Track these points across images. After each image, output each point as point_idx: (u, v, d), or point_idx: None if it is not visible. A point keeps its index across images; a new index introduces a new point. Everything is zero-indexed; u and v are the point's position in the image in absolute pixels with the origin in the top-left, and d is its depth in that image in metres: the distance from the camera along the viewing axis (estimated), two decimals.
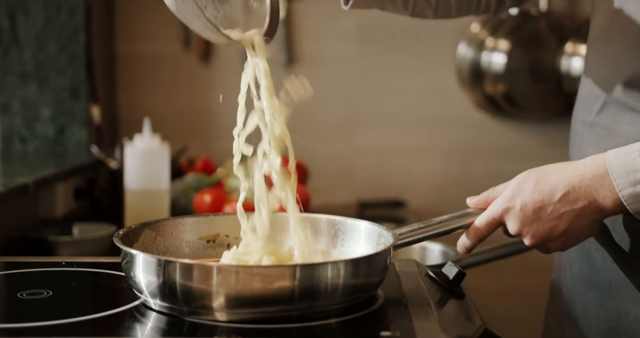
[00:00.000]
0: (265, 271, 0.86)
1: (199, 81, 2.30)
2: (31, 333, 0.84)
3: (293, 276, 0.85)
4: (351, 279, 0.89)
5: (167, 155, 1.64)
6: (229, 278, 0.85)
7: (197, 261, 0.89)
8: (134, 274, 0.91)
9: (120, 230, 0.99)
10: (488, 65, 2.20)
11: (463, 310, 0.99)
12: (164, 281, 0.88)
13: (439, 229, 1.04)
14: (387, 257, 0.94)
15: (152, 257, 0.89)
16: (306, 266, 0.88)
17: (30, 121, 2.02)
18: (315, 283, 0.86)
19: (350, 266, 0.89)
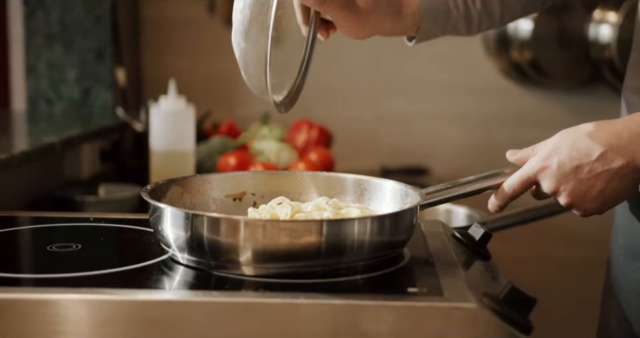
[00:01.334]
0: (293, 226, 0.86)
1: (224, 45, 2.28)
2: (61, 284, 0.85)
3: (320, 232, 0.86)
4: (378, 236, 0.89)
5: (193, 117, 1.64)
6: (256, 232, 0.86)
7: (225, 215, 0.89)
8: (162, 228, 0.91)
9: (147, 185, 1.00)
10: (515, 31, 2.18)
11: (489, 270, 0.99)
12: (191, 235, 0.88)
13: (465, 189, 1.03)
14: (414, 215, 0.94)
15: (180, 211, 0.89)
16: (333, 221, 0.88)
17: (56, 82, 2.03)
18: (342, 239, 0.87)
19: (377, 223, 0.89)
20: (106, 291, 0.83)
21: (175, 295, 0.85)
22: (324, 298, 0.81)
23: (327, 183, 1.08)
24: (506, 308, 0.81)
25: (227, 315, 0.82)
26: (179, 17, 2.28)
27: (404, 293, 0.83)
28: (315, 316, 0.81)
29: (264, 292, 0.83)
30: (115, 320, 0.82)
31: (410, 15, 1.12)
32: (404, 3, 1.10)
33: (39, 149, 1.45)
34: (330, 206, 0.97)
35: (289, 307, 0.81)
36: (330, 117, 2.22)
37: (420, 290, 0.84)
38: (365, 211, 0.98)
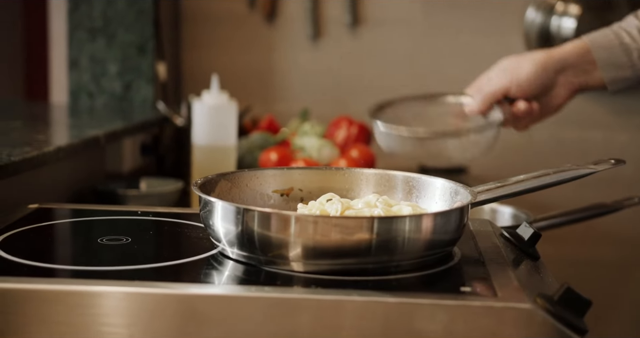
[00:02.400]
0: (344, 222, 0.86)
1: (263, 40, 2.29)
2: (113, 276, 0.85)
3: (371, 229, 0.85)
4: (429, 234, 0.88)
5: (235, 111, 1.64)
6: (307, 228, 0.85)
7: (276, 210, 0.89)
8: (213, 222, 0.91)
9: (197, 179, 1.00)
10: (557, 30, 2.16)
11: (538, 271, 0.98)
12: (242, 230, 0.88)
13: (515, 188, 1.02)
14: (465, 214, 0.94)
15: (232, 205, 0.89)
16: (384, 218, 0.87)
17: (98, 76, 2.05)
18: (393, 237, 0.86)
19: (429, 221, 0.88)
20: (155, 285, 0.83)
21: (225, 289, 0.85)
22: (376, 296, 0.81)
23: (376, 180, 1.08)
24: (561, 309, 0.80)
25: (277, 311, 0.81)
26: (219, 12, 2.28)
27: (457, 292, 0.82)
28: (367, 313, 0.81)
29: (315, 288, 0.83)
30: (163, 314, 0.82)
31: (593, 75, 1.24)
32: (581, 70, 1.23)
33: (84, 142, 1.46)
34: (380, 203, 0.96)
35: (340, 304, 0.81)
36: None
37: (473, 290, 0.83)
38: (417, 209, 0.97)
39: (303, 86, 2.28)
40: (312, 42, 2.27)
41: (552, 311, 0.80)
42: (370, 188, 1.07)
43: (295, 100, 2.27)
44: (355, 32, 2.26)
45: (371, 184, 1.07)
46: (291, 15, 2.27)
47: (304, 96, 2.28)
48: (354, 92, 2.28)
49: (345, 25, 2.26)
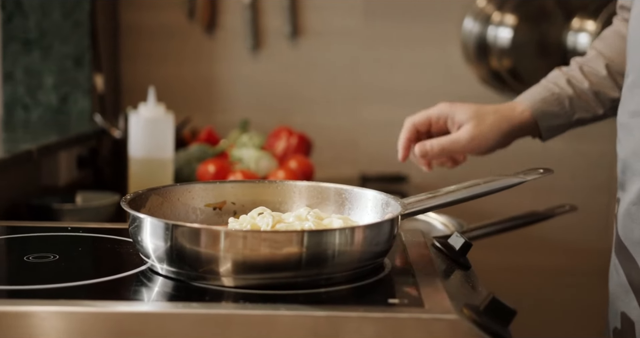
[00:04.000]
0: (274, 237, 0.86)
1: (203, 52, 2.28)
2: (38, 295, 0.84)
3: (301, 242, 0.85)
4: (359, 246, 0.89)
5: (172, 124, 1.63)
6: (236, 243, 0.85)
7: (205, 226, 0.88)
8: (141, 238, 0.90)
9: (127, 194, 0.99)
10: (494, 40, 2.19)
11: (469, 280, 0.99)
12: (171, 246, 0.87)
13: (446, 199, 1.03)
14: (395, 225, 0.94)
15: (160, 221, 0.88)
16: (314, 232, 0.88)
17: (34, 89, 2.01)
18: (323, 250, 0.86)
19: (359, 234, 0.88)
20: (84, 303, 0.81)
21: (154, 306, 0.84)
22: (304, 310, 0.81)
23: (308, 193, 1.08)
24: (486, 319, 0.81)
25: (206, 327, 0.81)
26: (158, 24, 2.26)
27: (384, 304, 0.83)
28: (296, 327, 0.80)
29: (244, 303, 0.82)
30: (93, 332, 0.80)
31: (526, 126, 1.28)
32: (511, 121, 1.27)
33: (15, 156, 1.43)
34: (312, 216, 0.96)
35: (269, 319, 0.81)
36: (309, 125, 2.22)
37: (401, 301, 0.83)
38: (348, 222, 0.98)
39: (244, 97, 2.28)
40: (252, 53, 2.27)
41: (477, 321, 0.81)
42: (303, 200, 1.07)
43: (235, 111, 2.26)
44: (295, 43, 2.27)
45: (304, 197, 1.08)
46: (231, 27, 2.26)
47: (244, 107, 2.27)
48: (294, 103, 2.28)
49: (285, 36, 2.26)
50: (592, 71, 1.26)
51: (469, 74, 2.27)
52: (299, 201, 1.08)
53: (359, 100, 2.30)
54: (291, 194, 1.08)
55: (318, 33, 2.27)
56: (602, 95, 1.26)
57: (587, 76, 1.26)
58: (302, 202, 1.08)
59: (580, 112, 1.26)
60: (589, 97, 1.26)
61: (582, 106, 1.26)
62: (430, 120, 1.29)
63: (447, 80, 2.28)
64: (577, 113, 1.26)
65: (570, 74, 1.27)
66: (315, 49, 2.28)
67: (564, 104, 1.26)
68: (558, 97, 1.26)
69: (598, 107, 1.26)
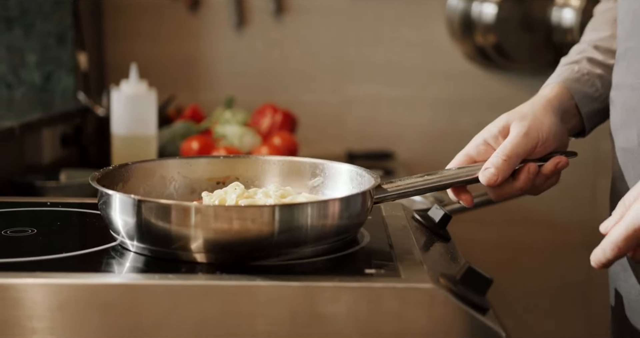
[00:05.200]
0: (244, 212, 0.84)
1: (187, 29, 2.27)
2: (15, 268, 0.84)
3: (272, 217, 0.84)
4: (329, 220, 0.88)
5: (155, 100, 1.63)
6: (207, 219, 0.84)
7: (173, 201, 0.88)
8: (111, 215, 0.90)
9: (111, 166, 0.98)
10: (479, 16, 2.18)
11: (448, 252, 0.99)
12: (139, 222, 0.86)
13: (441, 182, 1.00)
14: (367, 199, 0.93)
15: (129, 197, 0.87)
16: (285, 206, 0.86)
17: (16, 67, 2.00)
18: (289, 227, 0.85)
19: (327, 207, 0.87)
20: (61, 275, 0.82)
21: (130, 278, 0.84)
22: (280, 280, 0.81)
23: (284, 167, 1.07)
24: (462, 288, 0.82)
25: (183, 298, 0.81)
26: (142, 1, 2.25)
27: (361, 274, 0.83)
28: (272, 298, 0.81)
29: (220, 274, 0.83)
30: (71, 304, 0.81)
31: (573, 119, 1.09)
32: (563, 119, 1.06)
33: None
34: (276, 193, 0.96)
35: (246, 289, 0.81)
36: (294, 101, 2.22)
37: (378, 272, 0.84)
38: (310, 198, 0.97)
39: (228, 74, 2.27)
40: (237, 30, 2.26)
41: (453, 290, 0.81)
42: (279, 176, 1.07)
43: (220, 89, 2.26)
44: (279, 21, 2.26)
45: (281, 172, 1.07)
46: (215, 4, 2.25)
47: (229, 84, 2.27)
48: (279, 80, 2.27)
49: (269, 13, 2.25)
50: (610, 48, 1.13)
51: (454, 50, 2.26)
52: (275, 176, 1.07)
53: (344, 77, 2.29)
54: (267, 170, 1.07)
55: (303, 10, 2.26)
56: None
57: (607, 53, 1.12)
58: (277, 178, 1.07)
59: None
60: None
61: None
62: (470, 156, 1.04)
63: (433, 56, 2.28)
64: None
65: (586, 55, 1.12)
66: (300, 26, 2.27)
67: (597, 86, 1.10)
68: (589, 77, 1.10)
69: None
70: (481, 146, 1.03)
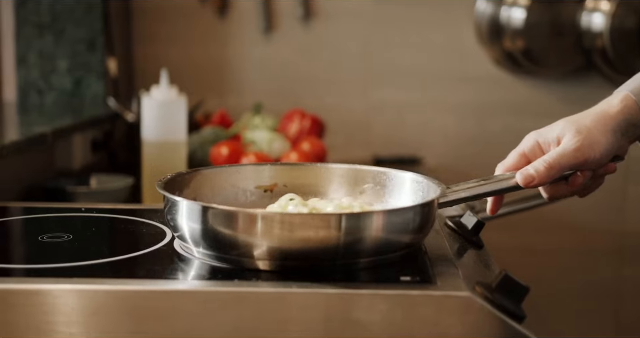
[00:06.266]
0: (309, 220, 0.84)
1: (215, 34, 2.28)
2: (52, 274, 0.84)
3: (338, 225, 0.84)
4: (395, 230, 0.87)
5: (185, 106, 1.63)
6: (272, 225, 0.84)
7: (238, 208, 0.87)
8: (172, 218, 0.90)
9: (170, 174, 0.98)
10: (507, 20, 2.17)
11: (482, 259, 0.99)
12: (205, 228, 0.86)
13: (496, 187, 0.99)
14: (434, 208, 0.92)
15: (196, 204, 0.87)
16: (352, 215, 0.85)
17: (47, 73, 2.02)
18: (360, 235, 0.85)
19: (396, 216, 0.87)
20: (96, 281, 0.82)
21: (166, 284, 0.84)
22: (316, 287, 0.81)
23: (348, 176, 1.06)
24: (499, 296, 0.81)
25: (218, 305, 0.81)
26: (170, 6, 2.26)
27: (396, 281, 0.83)
28: (307, 305, 0.81)
29: (256, 281, 0.83)
30: (106, 310, 0.81)
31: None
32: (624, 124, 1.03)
33: (30, 139, 1.44)
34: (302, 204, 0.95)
35: (280, 296, 0.81)
36: (321, 107, 2.22)
37: (413, 279, 0.84)
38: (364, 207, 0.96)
39: (256, 79, 2.28)
40: (265, 35, 2.26)
41: (489, 298, 0.81)
42: (343, 184, 1.06)
43: (248, 94, 2.26)
44: (307, 25, 2.26)
45: (344, 181, 1.07)
46: (243, 9, 2.26)
47: (257, 89, 2.27)
48: (307, 85, 2.28)
49: (297, 18, 2.25)
50: None
51: (482, 55, 2.25)
52: (338, 185, 1.07)
53: (371, 82, 2.29)
54: (331, 178, 1.07)
55: (330, 15, 2.26)
56: None
57: None
58: (341, 186, 1.07)
59: None
60: None
61: None
62: (525, 155, 1.03)
63: (460, 61, 2.27)
64: None
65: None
66: (327, 31, 2.27)
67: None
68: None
69: None
70: (535, 147, 1.03)
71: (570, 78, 2.27)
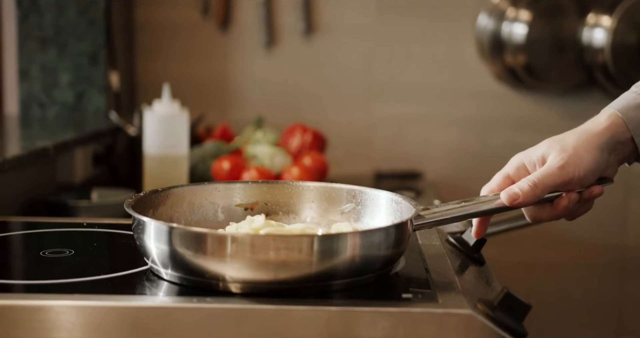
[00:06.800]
0: (282, 241, 0.83)
1: (217, 48, 2.29)
2: (53, 290, 0.84)
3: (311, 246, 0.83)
4: (370, 250, 0.86)
5: (187, 121, 1.64)
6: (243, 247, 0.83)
7: (207, 230, 0.86)
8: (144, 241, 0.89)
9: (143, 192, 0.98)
10: (509, 36, 2.18)
11: (483, 276, 0.99)
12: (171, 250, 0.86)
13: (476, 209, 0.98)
14: (407, 228, 0.91)
15: (163, 224, 0.87)
16: (325, 237, 0.85)
17: (50, 86, 2.03)
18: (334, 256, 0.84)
19: (368, 237, 0.86)
20: (98, 298, 0.82)
21: (167, 301, 0.84)
22: (317, 305, 0.81)
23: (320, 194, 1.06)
24: (500, 314, 0.81)
25: (219, 322, 0.81)
26: (172, 21, 2.27)
27: (398, 299, 0.83)
28: (309, 322, 0.81)
29: (257, 298, 0.83)
30: (107, 326, 0.81)
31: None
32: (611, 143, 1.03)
33: (32, 153, 1.44)
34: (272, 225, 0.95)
35: (282, 313, 0.81)
36: (323, 121, 2.22)
37: (415, 296, 0.84)
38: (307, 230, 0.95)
39: (258, 93, 2.28)
40: (267, 50, 2.27)
41: (491, 316, 0.81)
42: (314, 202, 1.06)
43: (250, 108, 2.27)
44: (309, 40, 2.27)
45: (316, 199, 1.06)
46: (245, 23, 2.27)
47: (259, 103, 2.28)
48: (308, 99, 2.28)
49: (299, 32, 2.26)
50: None
51: (483, 70, 2.26)
52: (310, 203, 1.06)
53: (372, 97, 2.30)
54: (303, 196, 1.06)
55: (332, 30, 2.27)
56: None
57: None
58: (313, 204, 1.06)
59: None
60: None
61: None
62: (510, 177, 1.03)
63: (462, 76, 2.27)
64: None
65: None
66: (329, 45, 2.28)
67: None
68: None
69: None
70: (521, 168, 1.02)
71: (571, 93, 2.27)
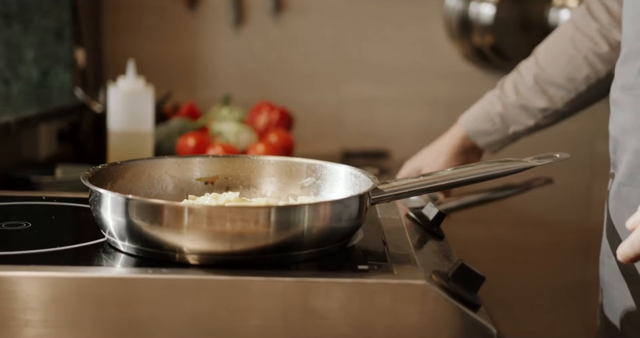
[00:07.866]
0: (240, 212, 0.83)
1: (185, 27, 2.27)
2: (8, 261, 0.84)
3: (268, 218, 0.84)
4: (326, 222, 0.86)
5: (151, 97, 1.63)
6: (200, 218, 0.83)
7: (164, 201, 0.86)
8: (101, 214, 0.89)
9: (103, 164, 0.98)
10: (476, 16, 2.19)
11: (441, 249, 1.00)
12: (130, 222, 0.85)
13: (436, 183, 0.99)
14: (365, 201, 0.91)
15: (120, 196, 0.86)
16: (282, 208, 0.85)
17: (14, 62, 2.00)
18: (291, 228, 0.84)
19: (325, 209, 0.86)
20: (54, 269, 0.82)
21: (123, 272, 0.84)
22: (274, 275, 0.82)
23: (281, 168, 1.06)
24: (455, 285, 0.82)
25: (177, 292, 0.81)
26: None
27: (354, 270, 0.84)
28: (265, 293, 0.81)
29: (214, 269, 0.83)
30: (63, 297, 0.81)
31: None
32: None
33: None
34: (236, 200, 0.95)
35: (238, 284, 0.81)
36: (292, 100, 2.22)
37: (371, 268, 0.84)
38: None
39: (226, 72, 2.28)
40: (235, 29, 2.26)
41: (445, 287, 0.82)
42: (275, 176, 1.06)
43: (219, 87, 2.26)
44: (278, 19, 2.26)
45: (276, 173, 1.06)
46: (213, 2, 2.25)
47: (228, 82, 2.27)
48: (277, 78, 2.28)
49: (268, 12, 2.25)
50: (522, 81, 1.33)
51: (452, 50, 2.27)
52: (268, 176, 1.06)
53: (342, 76, 2.30)
54: (263, 170, 1.06)
55: (301, 9, 2.27)
56: (529, 107, 1.32)
57: (516, 87, 1.33)
58: (270, 178, 1.06)
59: (514, 126, 1.34)
60: (516, 111, 1.33)
61: (513, 120, 1.34)
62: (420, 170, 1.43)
63: (430, 57, 2.28)
64: (511, 127, 1.34)
65: (504, 88, 1.35)
66: (298, 25, 2.27)
67: (495, 121, 1.34)
68: (488, 114, 1.35)
69: (528, 119, 1.33)
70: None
71: None
